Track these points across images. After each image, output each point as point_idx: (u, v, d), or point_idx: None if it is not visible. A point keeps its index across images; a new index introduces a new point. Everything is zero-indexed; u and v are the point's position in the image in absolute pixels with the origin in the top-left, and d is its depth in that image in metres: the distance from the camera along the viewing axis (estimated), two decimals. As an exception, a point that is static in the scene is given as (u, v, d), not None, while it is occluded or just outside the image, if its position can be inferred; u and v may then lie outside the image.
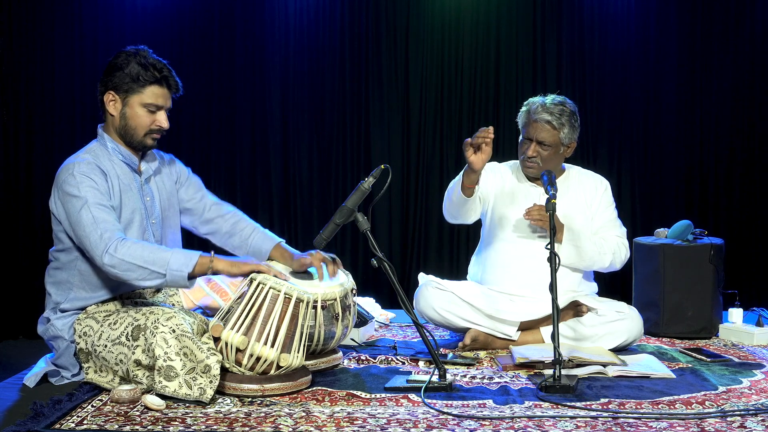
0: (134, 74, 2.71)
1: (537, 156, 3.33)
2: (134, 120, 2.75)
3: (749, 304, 3.99)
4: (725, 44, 4.82)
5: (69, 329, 2.74)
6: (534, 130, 3.32)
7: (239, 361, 2.60)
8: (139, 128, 2.76)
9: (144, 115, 2.75)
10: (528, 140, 3.35)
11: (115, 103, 2.75)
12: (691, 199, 4.87)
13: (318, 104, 4.80)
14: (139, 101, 2.74)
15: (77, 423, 2.33)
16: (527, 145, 3.35)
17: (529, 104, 3.38)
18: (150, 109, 2.75)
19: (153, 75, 2.73)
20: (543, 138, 3.31)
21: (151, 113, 2.76)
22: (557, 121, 3.30)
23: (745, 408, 2.51)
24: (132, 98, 2.74)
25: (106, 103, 2.76)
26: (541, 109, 3.31)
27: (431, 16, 4.81)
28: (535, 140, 3.32)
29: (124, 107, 2.75)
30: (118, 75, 2.72)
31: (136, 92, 2.73)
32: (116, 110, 2.76)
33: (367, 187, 2.86)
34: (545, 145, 3.32)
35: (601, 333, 3.27)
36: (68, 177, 2.66)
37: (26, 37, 4.51)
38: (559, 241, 3.25)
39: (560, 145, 3.35)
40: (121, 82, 2.72)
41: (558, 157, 3.39)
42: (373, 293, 4.47)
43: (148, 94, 2.74)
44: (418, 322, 2.79)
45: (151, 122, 2.77)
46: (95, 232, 2.59)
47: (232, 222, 3.03)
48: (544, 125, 3.30)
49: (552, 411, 2.47)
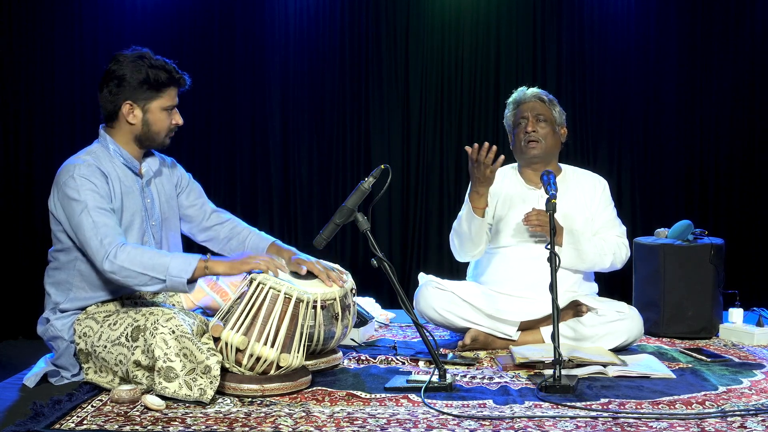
0: (152, 80, 2.73)
1: (536, 131, 3.36)
2: (157, 125, 2.79)
3: (749, 304, 3.98)
4: (725, 44, 4.81)
5: (69, 330, 2.74)
6: (527, 108, 3.42)
7: (239, 361, 2.60)
8: (162, 131, 2.81)
9: (165, 118, 2.80)
10: (522, 120, 3.42)
11: (134, 111, 2.76)
12: (691, 199, 4.87)
13: (318, 104, 4.80)
14: (160, 106, 2.78)
15: (77, 423, 2.33)
16: (523, 124, 3.40)
17: (512, 97, 3.52)
18: (169, 110, 2.81)
19: (169, 78, 2.77)
20: (539, 111, 3.41)
21: (169, 114, 2.81)
22: (546, 96, 3.46)
23: (746, 408, 2.51)
24: (152, 104, 2.77)
25: (125, 114, 2.75)
26: (528, 92, 3.47)
27: (431, 16, 4.81)
28: (531, 116, 3.39)
29: (146, 114, 2.77)
30: (132, 84, 2.73)
31: (157, 98, 2.77)
32: (137, 119, 2.77)
33: (367, 187, 2.86)
34: (542, 120, 3.40)
35: (601, 333, 3.27)
36: (68, 179, 2.66)
37: (26, 37, 4.51)
38: (559, 244, 3.25)
39: (555, 122, 3.43)
40: (139, 91, 2.74)
41: (555, 138, 3.43)
42: (373, 293, 4.47)
43: (167, 97, 2.79)
44: (418, 322, 2.79)
45: (170, 122, 2.82)
46: (95, 238, 2.59)
47: (229, 227, 3.06)
48: (536, 101, 3.43)
49: (552, 411, 2.47)
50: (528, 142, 3.39)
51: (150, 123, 2.77)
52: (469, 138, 4.84)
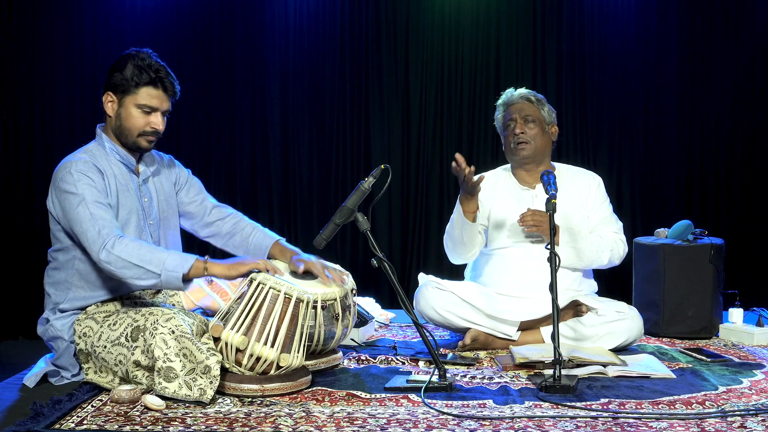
0: (129, 75, 2.73)
1: (525, 133, 3.37)
2: (128, 121, 2.76)
3: (749, 304, 3.99)
4: (725, 43, 4.82)
5: (68, 330, 2.74)
6: (515, 110, 3.43)
7: (239, 361, 2.60)
8: (133, 129, 2.77)
9: (138, 116, 2.76)
10: (511, 122, 3.43)
11: (113, 103, 2.77)
12: (691, 199, 4.87)
13: (318, 104, 4.80)
14: (133, 102, 2.75)
15: (77, 423, 2.33)
16: (512, 125, 3.41)
17: (501, 98, 3.52)
18: (144, 110, 2.76)
19: (148, 76, 2.74)
20: (527, 112, 3.41)
21: (145, 114, 2.77)
22: (534, 96, 3.46)
23: (746, 408, 2.51)
24: (127, 99, 2.76)
25: (104, 103, 2.78)
26: (515, 93, 3.47)
27: (431, 16, 4.81)
28: (519, 117, 3.40)
29: (120, 108, 2.77)
30: (116, 76, 2.75)
31: (131, 93, 2.75)
32: (113, 110, 2.78)
33: (367, 187, 2.86)
34: (530, 121, 3.40)
35: (601, 333, 3.27)
36: (65, 175, 2.67)
37: (26, 37, 4.51)
38: (557, 243, 3.25)
39: (544, 122, 3.43)
40: (118, 83, 2.75)
41: (545, 138, 3.43)
42: (373, 293, 4.47)
43: (142, 94, 2.75)
44: (418, 322, 2.79)
45: (145, 124, 2.77)
46: (93, 229, 2.59)
47: (232, 223, 3.04)
48: (524, 102, 3.44)
49: (552, 411, 2.47)
50: (517, 144, 3.40)
51: (122, 117, 2.76)
52: (469, 138, 4.84)
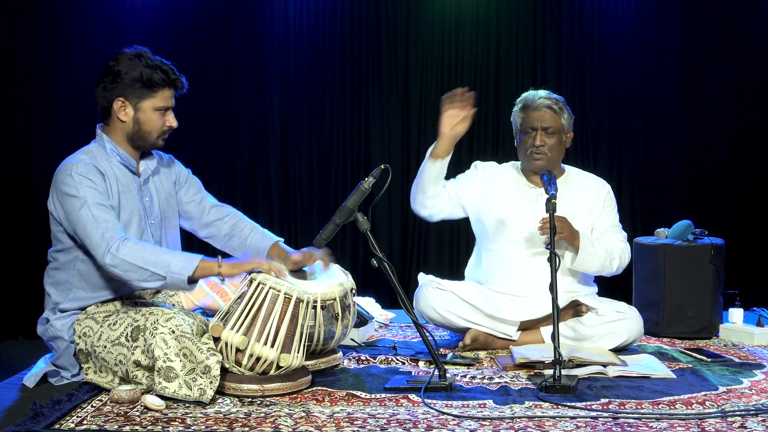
0: (146, 79, 2.72)
1: (544, 145, 3.33)
2: (148, 124, 2.77)
3: (749, 304, 3.98)
4: (725, 43, 4.81)
5: (68, 330, 2.73)
6: (536, 119, 3.33)
7: (239, 361, 2.60)
8: (153, 132, 2.79)
9: (157, 119, 2.78)
10: (531, 130, 3.35)
11: (126, 108, 2.75)
12: (691, 199, 4.87)
13: (318, 104, 4.80)
14: (152, 105, 2.76)
15: (77, 423, 2.33)
16: (532, 135, 3.35)
17: (523, 99, 3.42)
18: (161, 111, 2.78)
19: (164, 79, 2.75)
20: (547, 124, 3.33)
21: (162, 115, 2.78)
22: (557, 105, 3.36)
23: (746, 408, 2.51)
24: (144, 103, 2.75)
25: (116, 110, 2.75)
26: (538, 98, 3.36)
27: (431, 16, 4.81)
28: (540, 128, 3.33)
29: (137, 113, 2.76)
30: (125, 80, 2.72)
31: (149, 97, 2.75)
32: (128, 116, 2.76)
33: (367, 187, 2.86)
34: (550, 132, 3.34)
35: (601, 333, 3.27)
36: (66, 178, 2.66)
37: (26, 36, 4.51)
38: (576, 248, 3.25)
39: (562, 132, 3.37)
40: (131, 88, 2.73)
41: (560, 147, 3.39)
42: (373, 293, 4.47)
43: (160, 98, 2.76)
44: (418, 322, 2.79)
45: (163, 124, 2.79)
46: (96, 232, 2.59)
47: (231, 224, 3.03)
48: (546, 111, 3.34)
49: (552, 411, 2.47)
50: (534, 154, 3.36)
51: (141, 122, 2.76)
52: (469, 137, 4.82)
